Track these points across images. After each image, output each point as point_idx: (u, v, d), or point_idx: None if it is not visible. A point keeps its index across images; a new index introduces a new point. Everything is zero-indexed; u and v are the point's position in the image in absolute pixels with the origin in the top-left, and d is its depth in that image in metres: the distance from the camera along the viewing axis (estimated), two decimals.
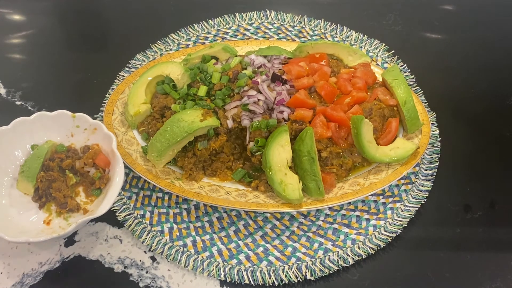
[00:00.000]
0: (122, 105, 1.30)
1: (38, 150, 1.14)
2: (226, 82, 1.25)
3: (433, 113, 1.36)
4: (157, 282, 1.06)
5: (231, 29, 1.57)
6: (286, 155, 1.12)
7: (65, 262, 1.09)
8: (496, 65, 1.52)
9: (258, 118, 1.17)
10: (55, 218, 1.11)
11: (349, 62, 1.35)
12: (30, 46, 1.55)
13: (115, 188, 1.07)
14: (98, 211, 1.03)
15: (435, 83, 1.45)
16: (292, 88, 1.22)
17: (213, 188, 1.17)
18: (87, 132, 1.19)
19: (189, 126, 1.12)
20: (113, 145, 1.12)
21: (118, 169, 1.09)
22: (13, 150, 1.16)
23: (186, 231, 1.14)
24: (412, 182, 1.23)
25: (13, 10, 1.66)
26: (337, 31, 1.57)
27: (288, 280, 1.07)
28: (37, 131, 1.17)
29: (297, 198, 1.09)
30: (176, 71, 1.26)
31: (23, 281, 1.06)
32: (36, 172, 1.12)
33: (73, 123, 1.19)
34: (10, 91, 1.41)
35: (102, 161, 1.15)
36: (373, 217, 1.17)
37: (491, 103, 1.42)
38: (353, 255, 1.10)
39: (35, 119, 1.16)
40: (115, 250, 1.11)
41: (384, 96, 1.25)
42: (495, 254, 1.13)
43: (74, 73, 1.47)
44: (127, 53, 1.49)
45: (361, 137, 1.15)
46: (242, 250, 1.11)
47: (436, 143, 1.30)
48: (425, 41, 1.60)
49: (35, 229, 1.08)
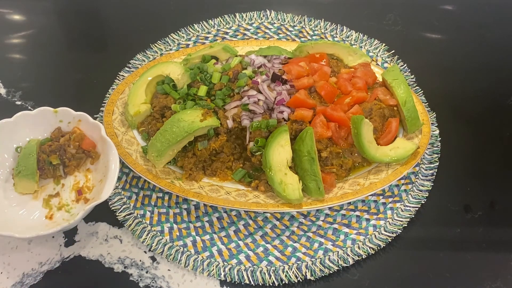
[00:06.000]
0: (122, 105, 1.30)
1: (27, 149, 1.15)
2: (226, 82, 1.25)
3: (433, 113, 1.36)
4: (157, 282, 1.06)
5: (231, 29, 1.57)
6: (286, 155, 1.12)
7: (65, 262, 1.09)
8: (496, 65, 1.52)
9: (258, 118, 1.17)
10: (57, 212, 1.12)
11: (349, 62, 1.35)
12: (30, 46, 1.55)
13: (112, 173, 1.08)
14: (102, 196, 1.04)
15: (435, 83, 1.45)
16: (292, 88, 1.22)
17: (213, 188, 1.17)
18: (71, 125, 1.19)
19: (189, 126, 1.12)
20: (102, 133, 1.13)
21: (112, 156, 1.10)
22: (3, 153, 1.16)
23: (186, 231, 1.14)
24: (412, 182, 1.23)
25: (13, 10, 1.66)
26: (337, 31, 1.57)
27: (288, 280, 1.07)
28: (20, 131, 1.17)
29: (297, 198, 1.09)
30: (176, 71, 1.26)
31: (23, 281, 1.06)
32: (35, 169, 1.13)
33: (56, 119, 1.19)
34: (10, 91, 1.41)
35: (88, 145, 1.17)
36: (373, 217, 1.17)
37: (491, 103, 1.42)
38: (353, 255, 1.10)
39: (16, 120, 1.16)
40: (115, 250, 1.11)
41: (384, 96, 1.25)
42: (495, 254, 1.13)
43: (74, 73, 1.47)
44: (127, 53, 1.49)
45: (361, 137, 1.15)
46: (242, 250, 1.11)
47: (436, 143, 1.30)
48: (425, 41, 1.60)
49: (39, 225, 1.09)
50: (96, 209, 1.09)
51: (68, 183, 1.17)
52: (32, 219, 1.11)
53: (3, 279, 1.06)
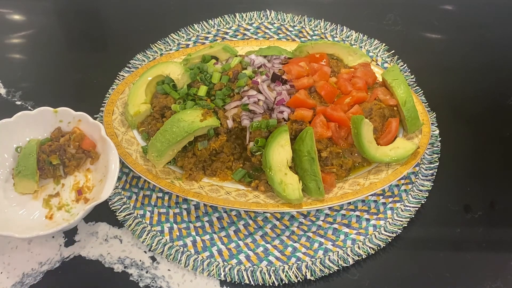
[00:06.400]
0: (122, 105, 1.30)
1: (26, 149, 1.15)
2: (226, 82, 1.25)
3: (433, 113, 1.36)
4: (157, 282, 1.06)
5: (231, 29, 1.57)
6: (286, 155, 1.12)
7: (65, 262, 1.09)
8: (496, 65, 1.52)
9: (258, 118, 1.17)
10: (57, 212, 1.12)
11: (349, 62, 1.35)
12: (30, 46, 1.55)
13: (112, 173, 1.08)
14: (102, 196, 1.04)
15: (435, 83, 1.45)
16: (292, 88, 1.22)
17: (213, 188, 1.17)
18: (71, 125, 1.19)
19: (189, 126, 1.12)
20: (102, 133, 1.14)
21: (112, 156, 1.10)
22: (3, 153, 1.16)
23: (186, 231, 1.14)
24: (412, 182, 1.23)
25: (13, 10, 1.66)
26: (337, 31, 1.57)
27: (288, 280, 1.07)
28: (20, 131, 1.17)
29: (297, 198, 1.09)
30: (176, 71, 1.26)
31: (23, 281, 1.06)
32: (35, 169, 1.13)
33: (55, 119, 1.19)
34: (10, 91, 1.41)
35: (88, 145, 1.17)
36: (373, 217, 1.17)
37: (491, 103, 1.42)
38: (353, 255, 1.10)
39: (16, 120, 1.16)
40: (115, 250, 1.11)
41: (384, 96, 1.25)
42: (495, 254, 1.13)
43: (74, 73, 1.47)
44: (127, 53, 1.49)
45: (361, 137, 1.15)
46: (242, 250, 1.11)
47: (436, 143, 1.30)
48: (425, 41, 1.60)
49: (39, 225, 1.09)
50: (96, 209, 1.09)
51: (68, 183, 1.17)
52: (32, 219, 1.11)
53: (3, 279, 1.06)
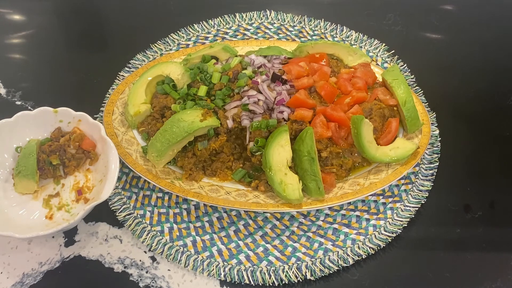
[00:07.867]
0: (122, 105, 1.30)
1: (27, 149, 1.15)
2: (226, 82, 1.25)
3: (433, 113, 1.36)
4: (157, 282, 1.06)
5: (231, 29, 1.57)
6: (286, 155, 1.12)
7: (65, 262, 1.09)
8: (496, 65, 1.52)
9: (258, 118, 1.17)
10: (57, 212, 1.12)
11: (349, 62, 1.35)
12: (30, 46, 1.55)
13: (112, 174, 1.08)
14: (102, 196, 1.04)
15: (435, 83, 1.45)
16: (292, 88, 1.22)
17: (213, 188, 1.17)
18: (71, 125, 1.20)
19: (189, 126, 1.12)
20: (102, 133, 1.14)
21: (112, 156, 1.10)
22: (3, 153, 1.16)
23: (186, 231, 1.14)
24: (412, 182, 1.23)
25: (13, 10, 1.66)
26: (337, 31, 1.57)
27: (288, 280, 1.07)
28: (20, 131, 1.17)
29: (297, 198, 1.09)
30: (176, 71, 1.26)
31: (23, 281, 1.06)
32: (35, 169, 1.13)
33: (55, 119, 1.19)
34: (10, 91, 1.41)
35: (88, 145, 1.17)
36: (373, 217, 1.17)
37: (491, 103, 1.42)
38: (353, 255, 1.10)
39: (16, 120, 1.16)
40: (115, 250, 1.11)
41: (384, 96, 1.25)
42: (495, 254, 1.13)
43: (74, 73, 1.47)
44: (127, 53, 1.49)
45: (361, 137, 1.15)
46: (242, 250, 1.11)
47: (436, 143, 1.30)
48: (425, 41, 1.60)
49: (39, 225, 1.09)
50: (96, 209, 1.09)
51: (68, 183, 1.17)
52: (32, 219, 1.11)
53: (3, 279, 1.06)
